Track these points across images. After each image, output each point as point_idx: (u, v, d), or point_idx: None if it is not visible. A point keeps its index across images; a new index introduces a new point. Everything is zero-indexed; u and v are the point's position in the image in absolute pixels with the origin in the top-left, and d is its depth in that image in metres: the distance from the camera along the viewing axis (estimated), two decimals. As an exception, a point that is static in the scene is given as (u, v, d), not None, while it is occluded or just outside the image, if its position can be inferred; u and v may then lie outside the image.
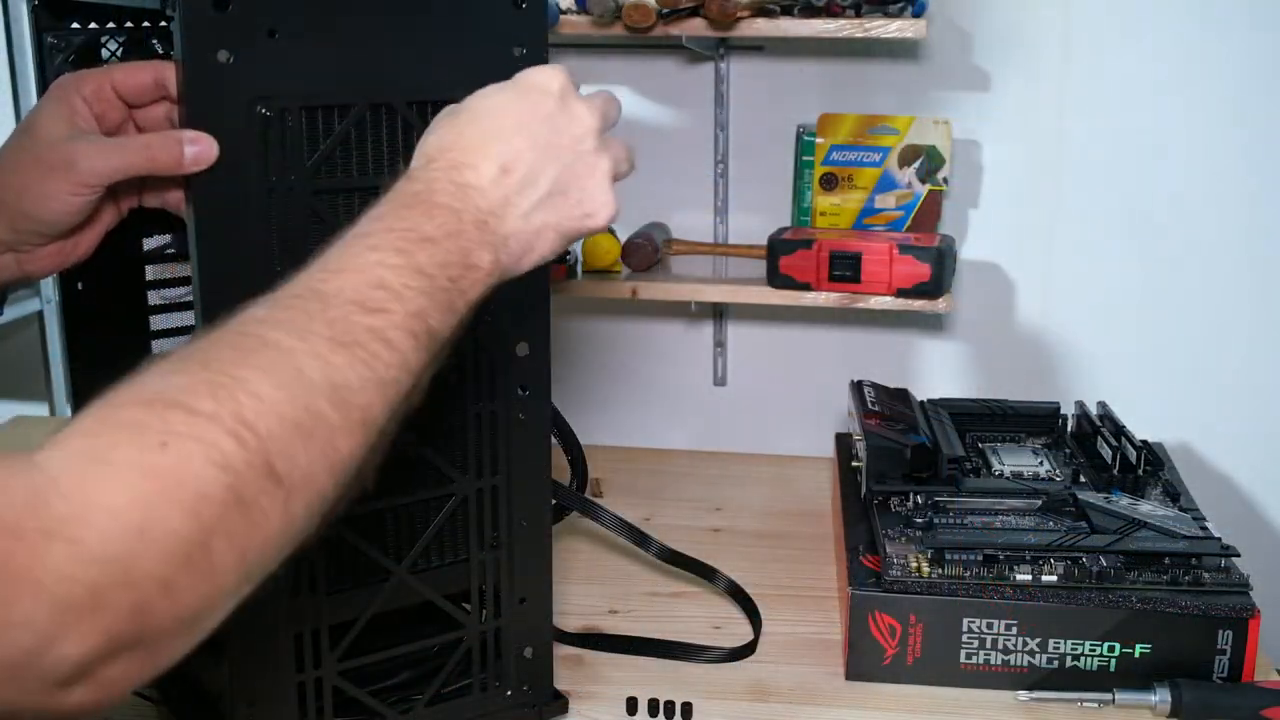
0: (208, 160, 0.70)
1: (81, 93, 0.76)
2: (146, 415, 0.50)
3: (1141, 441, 1.16)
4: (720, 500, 1.37)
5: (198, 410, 0.50)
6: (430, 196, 0.65)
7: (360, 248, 0.62)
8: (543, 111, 0.70)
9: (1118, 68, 1.41)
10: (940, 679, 0.99)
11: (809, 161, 1.43)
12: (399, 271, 0.61)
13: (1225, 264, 1.43)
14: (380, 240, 0.62)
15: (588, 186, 0.71)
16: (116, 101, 0.78)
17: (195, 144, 0.69)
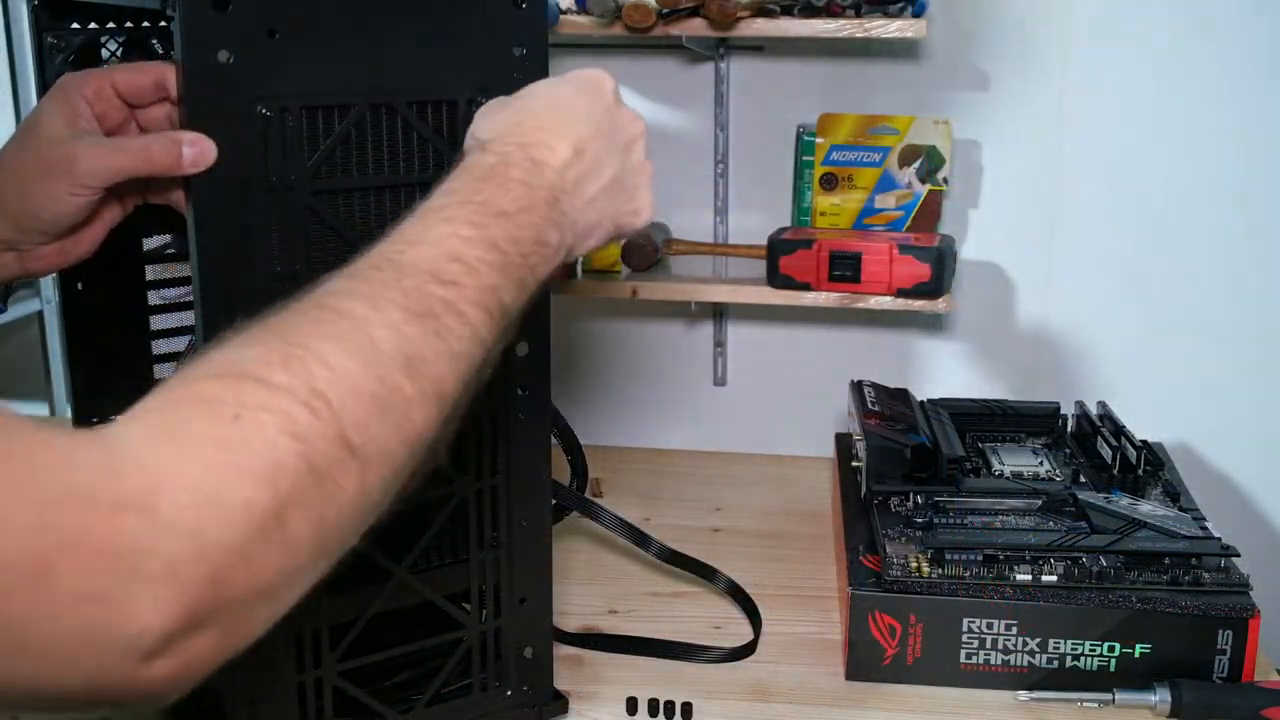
0: (206, 162, 0.70)
1: (83, 92, 0.76)
2: (220, 388, 0.50)
3: (1141, 441, 1.16)
4: (720, 500, 1.37)
5: (271, 382, 0.51)
6: (506, 171, 0.66)
7: (435, 220, 0.62)
8: (604, 104, 0.72)
9: (1118, 67, 1.41)
10: (940, 679, 0.99)
11: (809, 161, 1.43)
12: (473, 244, 0.61)
13: (1226, 264, 1.43)
14: (455, 213, 0.63)
15: (639, 184, 0.74)
16: (118, 102, 0.78)
17: (193, 145, 0.70)
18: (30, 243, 0.77)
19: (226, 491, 0.47)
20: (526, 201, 0.65)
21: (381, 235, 0.68)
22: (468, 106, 0.79)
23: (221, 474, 0.47)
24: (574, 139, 0.69)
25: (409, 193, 0.79)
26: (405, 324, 0.56)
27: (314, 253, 0.76)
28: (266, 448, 0.49)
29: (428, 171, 0.79)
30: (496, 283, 0.62)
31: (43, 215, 0.75)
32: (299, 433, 0.50)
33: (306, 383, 0.51)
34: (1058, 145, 1.43)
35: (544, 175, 0.67)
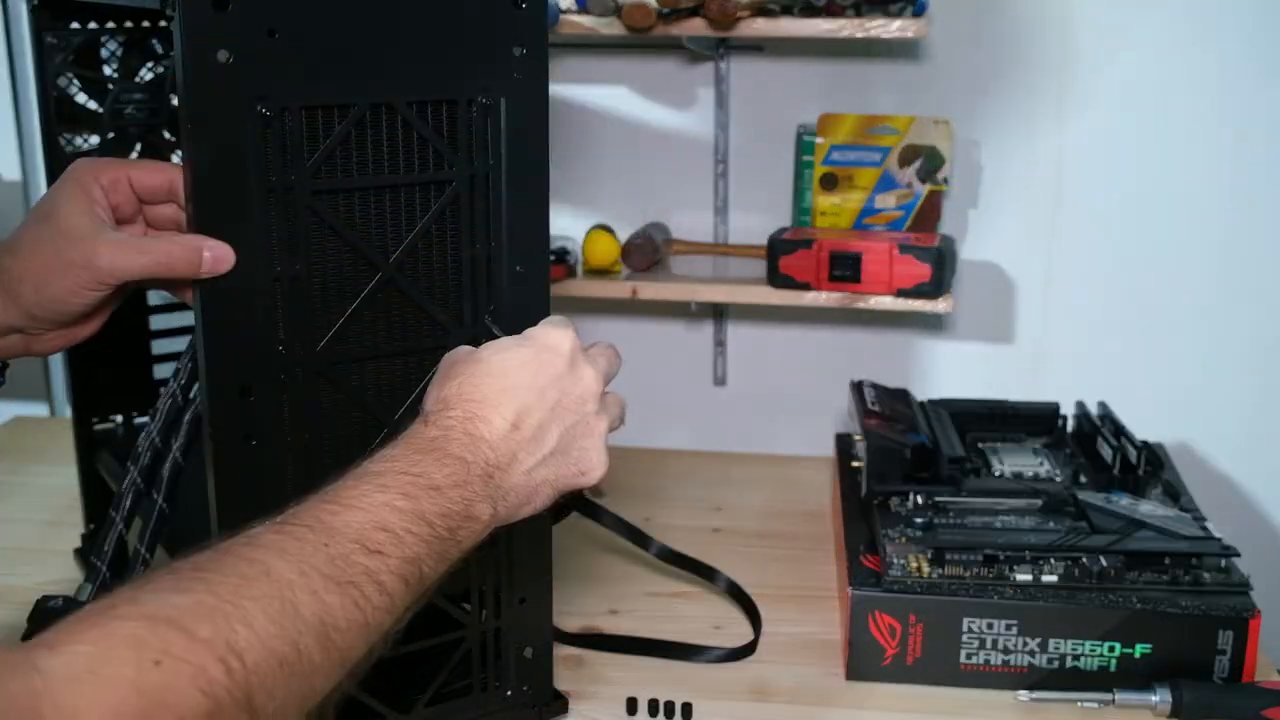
0: (224, 267, 0.72)
1: (100, 181, 0.77)
2: (147, 632, 0.52)
3: (1142, 441, 1.16)
4: (720, 500, 1.37)
5: (195, 634, 0.52)
6: (445, 445, 0.69)
7: (371, 486, 0.65)
8: (553, 372, 0.74)
9: (1118, 68, 1.41)
10: (940, 679, 0.99)
11: (809, 161, 1.43)
12: (403, 515, 0.64)
13: (1226, 263, 1.43)
14: (391, 481, 0.65)
15: (586, 446, 0.75)
16: (132, 195, 0.79)
17: (213, 252, 0.71)
18: (39, 329, 0.78)
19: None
20: (461, 477, 0.68)
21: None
22: (468, 106, 0.80)
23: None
24: (513, 411, 0.72)
25: (409, 193, 0.79)
26: (326, 592, 0.58)
27: (314, 253, 0.76)
28: (177, 701, 0.50)
29: (428, 171, 0.79)
30: (420, 554, 0.64)
31: (58, 307, 0.76)
32: (210, 690, 0.52)
33: (227, 640, 0.53)
34: (1058, 145, 1.43)
35: (479, 450, 0.70)
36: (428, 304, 0.81)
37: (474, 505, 0.68)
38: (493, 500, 0.70)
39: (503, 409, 0.72)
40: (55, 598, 0.84)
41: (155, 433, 0.87)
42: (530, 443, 0.72)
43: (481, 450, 0.70)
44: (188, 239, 0.72)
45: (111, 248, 0.74)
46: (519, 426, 0.72)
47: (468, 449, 0.69)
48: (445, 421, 0.70)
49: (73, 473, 1.15)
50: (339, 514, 0.62)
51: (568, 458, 0.74)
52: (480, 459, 0.69)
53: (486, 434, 0.70)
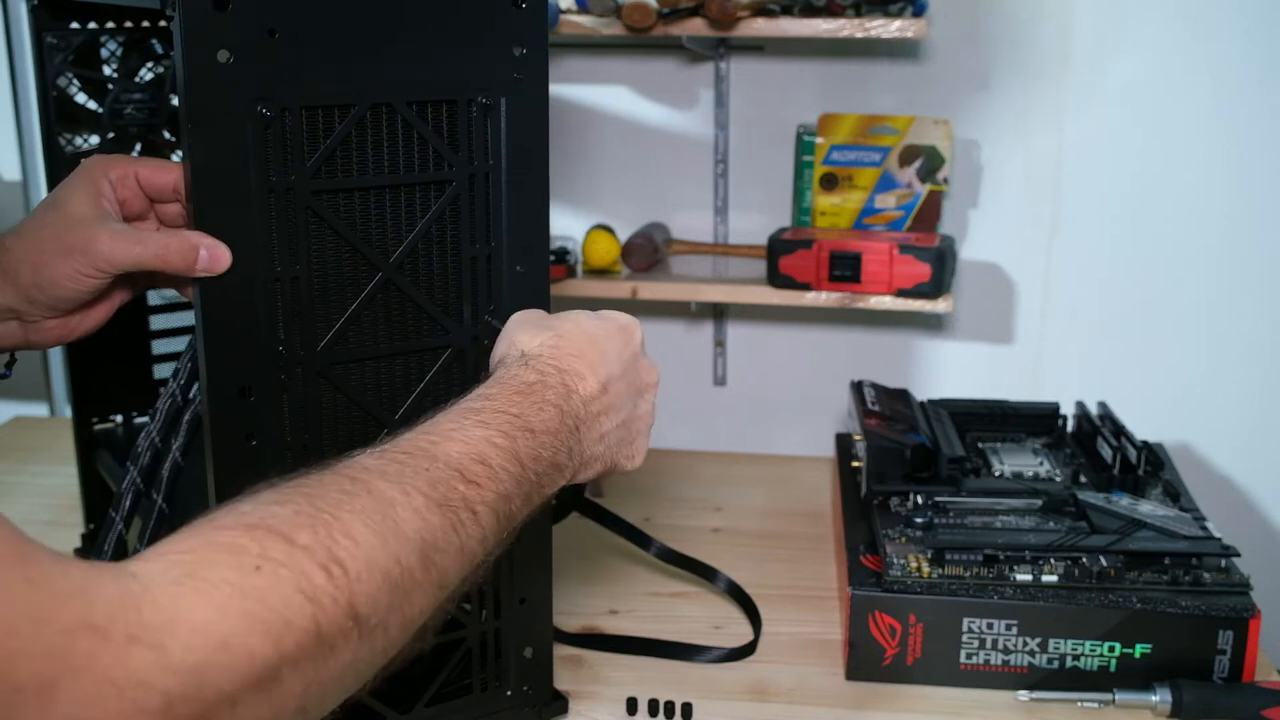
0: (220, 267, 0.72)
1: (109, 176, 0.78)
2: (246, 539, 0.52)
3: (1141, 441, 1.16)
4: (720, 500, 1.37)
5: (295, 540, 0.53)
6: (543, 391, 0.70)
7: (471, 421, 0.66)
8: (633, 351, 0.77)
9: (1117, 68, 1.41)
10: (940, 679, 0.99)
11: (809, 161, 1.43)
12: (500, 452, 0.65)
13: (1226, 263, 1.43)
14: (490, 419, 0.67)
15: (640, 432, 0.78)
16: (140, 192, 0.79)
17: (209, 250, 0.71)
18: (37, 315, 0.78)
19: (235, 639, 0.49)
20: (555, 424, 0.69)
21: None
22: (468, 106, 0.80)
23: (234, 621, 0.49)
24: (603, 375, 0.74)
25: (409, 193, 0.79)
26: (428, 511, 0.59)
27: (314, 253, 0.76)
28: (280, 603, 0.51)
29: (428, 171, 0.79)
30: (511, 492, 0.65)
31: (54, 291, 0.76)
32: (313, 594, 0.52)
33: (328, 548, 0.53)
34: (1058, 145, 1.43)
35: (573, 403, 0.71)
36: (428, 304, 0.81)
37: (560, 454, 0.70)
38: (572, 454, 0.71)
39: (598, 369, 0.73)
40: (55, 597, 0.83)
41: (155, 433, 0.87)
42: (611, 410, 0.74)
43: (575, 404, 0.71)
44: (185, 234, 0.72)
45: (110, 236, 0.74)
46: (607, 390, 0.73)
47: (564, 399, 0.71)
48: (544, 368, 0.71)
49: (73, 473, 1.15)
50: (439, 444, 0.63)
51: (627, 435, 0.76)
52: (571, 411, 0.71)
53: (580, 389, 0.72)
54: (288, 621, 0.50)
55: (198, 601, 0.48)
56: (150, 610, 0.47)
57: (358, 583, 0.54)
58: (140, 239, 0.74)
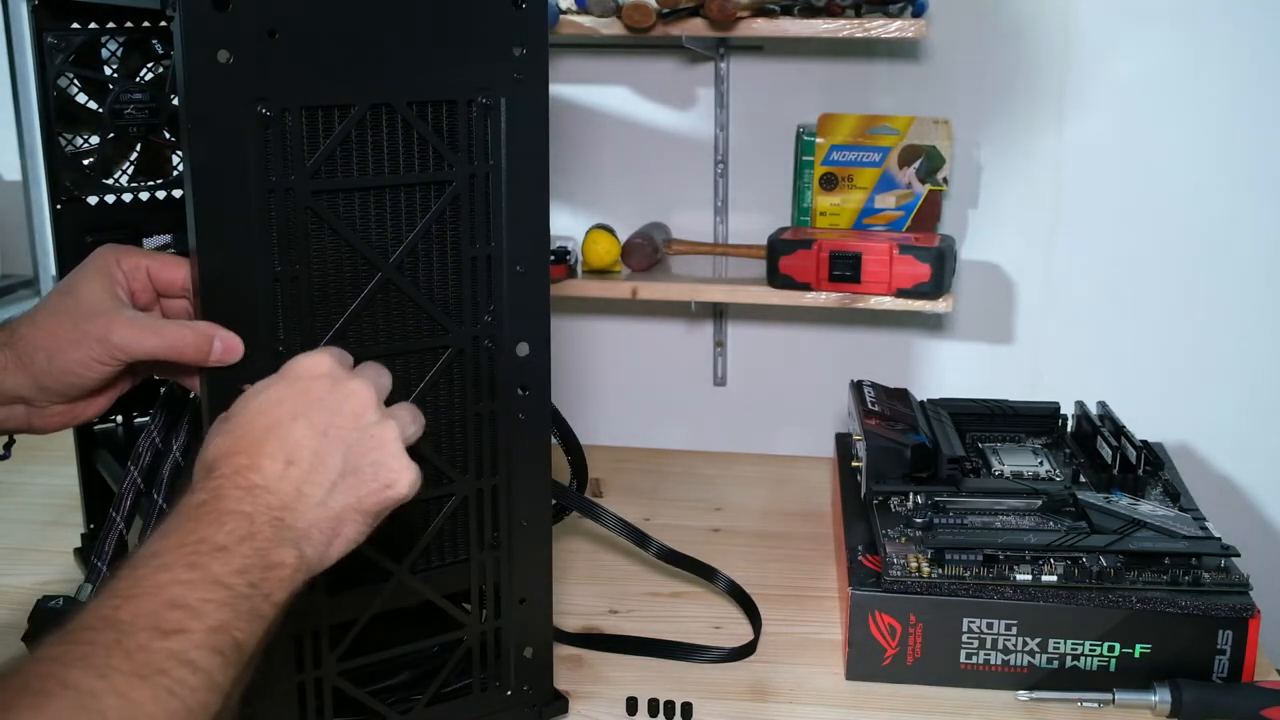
0: (233, 358, 0.73)
1: (122, 266, 0.78)
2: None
3: (1141, 441, 1.16)
4: (720, 500, 1.37)
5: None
6: (218, 504, 0.64)
7: (151, 569, 0.60)
8: (314, 396, 0.69)
9: (1118, 68, 1.41)
10: (940, 679, 0.99)
11: (809, 161, 1.43)
12: (194, 587, 0.59)
13: (1225, 263, 1.43)
14: (171, 558, 0.60)
15: (379, 459, 0.69)
16: (149, 284, 0.80)
17: (224, 342, 0.72)
18: (45, 401, 0.78)
19: None
20: (246, 530, 0.63)
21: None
22: (468, 106, 0.80)
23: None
24: (283, 450, 0.67)
25: (409, 193, 0.79)
26: (133, 689, 0.54)
27: (314, 253, 0.76)
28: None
29: (428, 171, 0.79)
30: (226, 619, 0.59)
31: (67, 378, 0.76)
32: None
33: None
34: (1058, 145, 1.43)
35: (258, 498, 0.65)
36: (428, 304, 0.81)
37: (271, 553, 0.63)
38: (294, 543, 0.65)
39: (269, 450, 0.66)
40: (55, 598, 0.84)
41: (155, 433, 0.87)
42: (311, 474, 0.67)
43: (261, 498, 0.65)
44: (201, 326, 0.73)
45: (127, 324, 0.75)
46: (293, 462, 0.66)
47: (245, 501, 0.64)
48: (213, 484, 0.65)
49: (73, 473, 1.15)
50: (122, 607, 0.57)
51: (361, 477, 0.69)
52: (262, 506, 0.64)
53: (260, 480, 0.65)
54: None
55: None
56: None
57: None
58: (157, 329, 0.74)
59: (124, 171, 1.07)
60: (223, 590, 0.60)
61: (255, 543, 0.63)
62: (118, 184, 1.07)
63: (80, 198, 1.06)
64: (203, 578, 0.60)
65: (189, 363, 0.73)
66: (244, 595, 0.61)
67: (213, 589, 0.60)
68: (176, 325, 0.74)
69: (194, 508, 0.64)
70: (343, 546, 0.68)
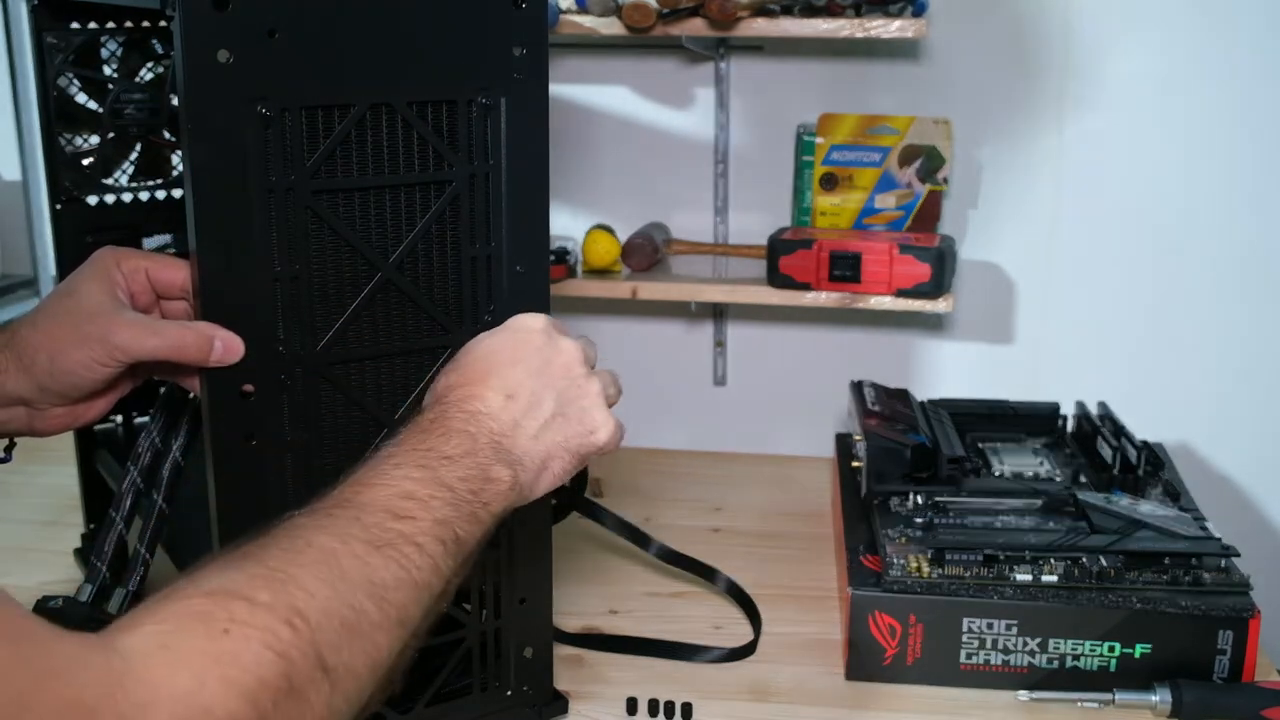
0: (233, 358, 0.74)
1: (121, 268, 0.79)
2: (211, 605, 0.54)
3: (1141, 441, 1.16)
4: (720, 500, 1.37)
5: (256, 600, 0.55)
6: (445, 423, 0.72)
7: (386, 466, 0.68)
8: (533, 346, 0.77)
9: (1118, 67, 1.41)
10: (940, 679, 0.99)
11: (809, 161, 1.43)
12: (423, 484, 0.67)
13: (1225, 263, 1.43)
14: (404, 459, 0.68)
15: (585, 406, 0.77)
16: (148, 286, 0.81)
17: (224, 342, 0.73)
18: (46, 403, 0.79)
19: (217, 706, 0.51)
20: (468, 445, 0.71)
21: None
22: (468, 106, 0.80)
23: (212, 687, 0.51)
24: (503, 386, 0.75)
25: (409, 193, 0.79)
26: (368, 554, 0.61)
27: (314, 253, 0.76)
28: (252, 663, 0.53)
29: (428, 171, 0.79)
30: (449, 516, 0.67)
31: (68, 379, 0.77)
32: (282, 649, 0.54)
33: (287, 603, 0.56)
34: (1058, 145, 1.43)
35: (481, 423, 0.73)
36: (428, 304, 0.81)
37: (490, 469, 0.71)
38: (509, 465, 0.72)
39: (493, 384, 0.74)
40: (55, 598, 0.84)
41: (155, 433, 0.87)
42: (529, 409, 0.74)
43: (483, 423, 0.72)
44: (201, 326, 0.73)
45: (128, 326, 0.76)
46: (513, 397, 0.74)
47: (469, 423, 0.72)
48: (440, 408, 0.73)
49: (73, 473, 1.15)
50: (362, 493, 0.65)
51: (569, 420, 0.76)
52: (484, 430, 0.72)
53: (483, 409, 0.73)
54: (261, 680, 0.52)
55: (177, 673, 0.51)
56: (135, 687, 0.49)
57: (320, 632, 0.56)
58: (157, 330, 0.75)
59: (124, 171, 1.07)
60: (448, 492, 0.67)
61: (477, 458, 0.70)
62: (118, 184, 1.07)
63: (80, 198, 1.06)
64: (431, 478, 0.67)
65: (190, 363, 0.74)
66: (465, 500, 0.68)
67: (439, 489, 0.67)
68: (177, 326, 0.75)
69: (424, 424, 0.72)
70: (550, 481, 0.76)
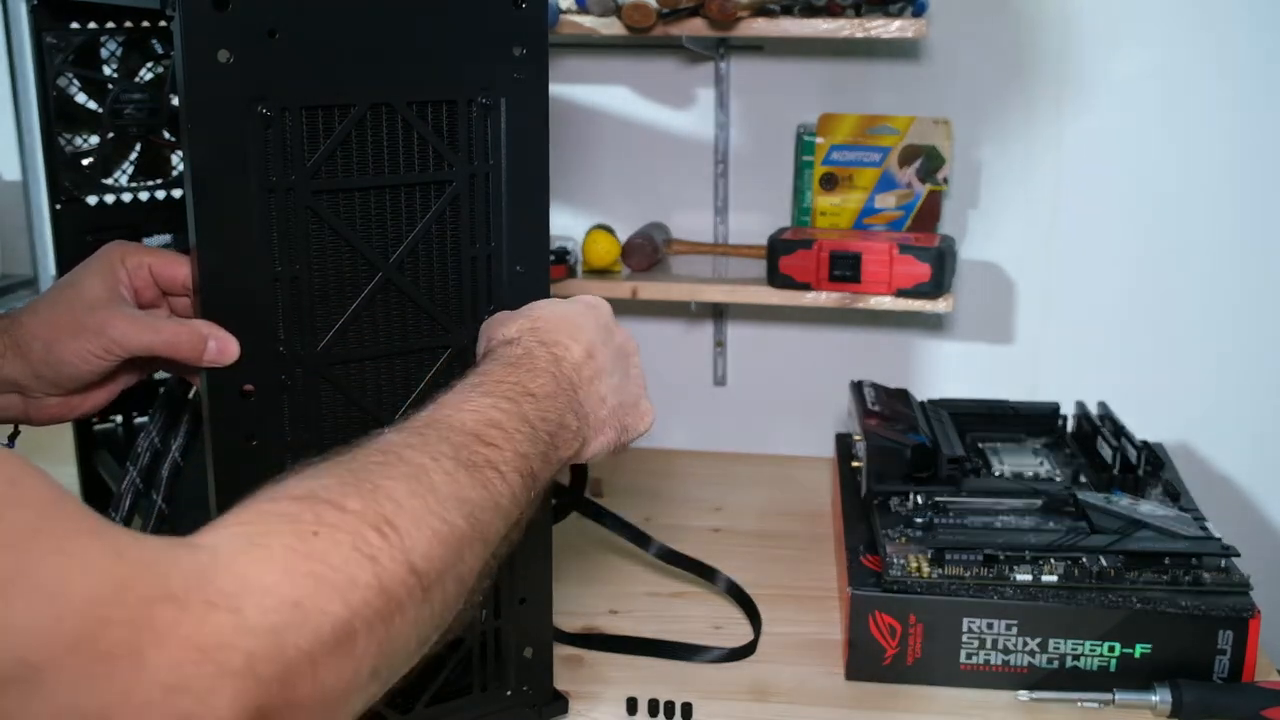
0: (227, 359, 0.74)
1: (126, 263, 0.80)
2: (299, 508, 0.54)
3: (1141, 441, 1.16)
4: (720, 500, 1.37)
5: (346, 506, 0.55)
6: (531, 361, 0.74)
7: (475, 393, 0.69)
8: (603, 322, 0.80)
9: (1118, 67, 1.41)
10: (940, 679, 0.99)
11: (809, 161, 1.43)
12: (509, 415, 0.68)
13: (1225, 263, 1.43)
14: (492, 388, 0.70)
15: (638, 392, 0.81)
16: (153, 282, 0.81)
17: (218, 342, 0.74)
18: (40, 391, 0.79)
19: (305, 599, 0.51)
20: (551, 388, 0.73)
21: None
22: (468, 106, 0.80)
23: (302, 582, 0.51)
24: (585, 342, 0.77)
25: (409, 193, 0.79)
26: (457, 471, 0.62)
27: (314, 253, 0.76)
28: (343, 562, 0.53)
29: (428, 171, 0.79)
30: (529, 451, 0.68)
31: (63, 369, 0.78)
32: (371, 553, 0.54)
33: (377, 511, 0.56)
34: (1057, 145, 1.43)
35: (563, 368, 0.74)
36: (428, 304, 0.81)
37: (565, 415, 0.73)
38: (578, 415, 0.74)
39: (579, 338, 0.76)
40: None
41: (154, 433, 0.87)
42: (602, 373, 0.77)
43: (565, 369, 0.74)
44: (196, 325, 0.74)
45: (125, 320, 0.76)
46: (592, 356, 0.76)
47: (554, 365, 0.74)
48: (528, 344, 0.75)
49: (72, 473, 1.15)
50: (451, 416, 0.66)
51: (628, 397, 0.79)
52: (565, 376, 0.74)
53: (568, 356, 0.75)
54: (352, 579, 0.52)
55: (265, 568, 0.50)
56: (223, 578, 0.49)
57: (410, 540, 0.56)
58: (153, 326, 0.76)
59: (124, 171, 1.07)
60: (529, 428, 0.69)
61: (556, 401, 0.72)
62: (118, 184, 1.07)
63: (80, 198, 1.06)
64: (517, 411, 0.69)
65: (184, 361, 0.74)
66: (543, 439, 0.70)
67: (523, 424, 0.69)
68: (174, 323, 0.75)
69: (513, 356, 0.73)
70: (597, 448, 0.77)
